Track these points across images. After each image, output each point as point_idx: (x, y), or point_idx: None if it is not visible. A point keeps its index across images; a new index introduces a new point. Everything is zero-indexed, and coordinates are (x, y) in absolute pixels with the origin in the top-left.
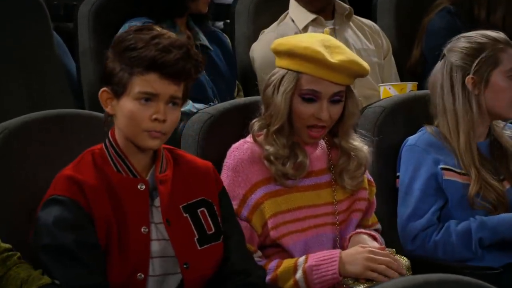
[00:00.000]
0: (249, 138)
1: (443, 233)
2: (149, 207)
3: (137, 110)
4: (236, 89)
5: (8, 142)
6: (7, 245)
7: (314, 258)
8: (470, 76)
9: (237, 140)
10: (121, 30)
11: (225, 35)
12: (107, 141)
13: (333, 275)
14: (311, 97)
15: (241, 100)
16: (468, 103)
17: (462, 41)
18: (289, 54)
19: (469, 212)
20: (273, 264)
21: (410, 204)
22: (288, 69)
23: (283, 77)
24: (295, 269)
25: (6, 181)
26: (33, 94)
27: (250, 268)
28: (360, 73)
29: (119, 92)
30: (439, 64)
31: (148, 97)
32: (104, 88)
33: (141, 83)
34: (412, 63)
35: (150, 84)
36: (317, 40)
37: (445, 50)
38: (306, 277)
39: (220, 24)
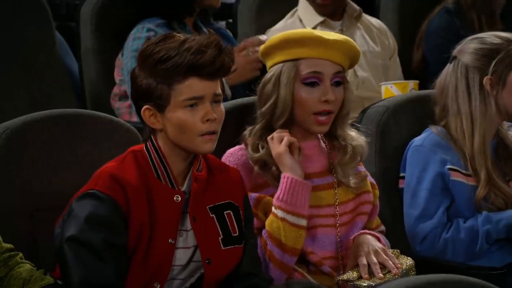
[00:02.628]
0: (243, 145)
1: (452, 230)
2: (181, 215)
3: (187, 118)
4: None
5: (10, 142)
6: (9, 245)
7: (276, 195)
8: (488, 76)
9: (237, 139)
10: (134, 32)
11: (228, 31)
12: (149, 144)
13: (299, 181)
14: (314, 80)
15: (242, 100)
16: (486, 104)
17: (475, 43)
18: (283, 44)
19: (475, 213)
20: (263, 232)
21: (418, 205)
22: (285, 61)
23: (281, 70)
24: (274, 214)
25: (8, 181)
26: (35, 94)
27: (257, 272)
28: (354, 53)
29: (162, 105)
30: (449, 67)
31: (194, 102)
32: (146, 106)
33: (184, 91)
34: (415, 66)
35: (193, 89)
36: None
37: (455, 53)
38: (282, 207)
39: (223, 23)
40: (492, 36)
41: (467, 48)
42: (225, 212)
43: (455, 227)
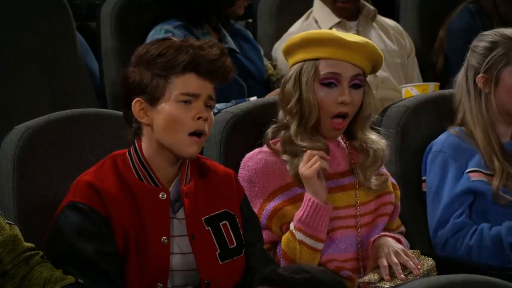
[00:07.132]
0: (264, 148)
1: (476, 237)
2: (170, 219)
3: (179, 112)
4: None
5: (32, 141)
6: (30, 244)
7: (297, 216)
8: (481, 74)
9: (260, 139)
10: (151, 34)
11: (247, 31)
12: (132, 148)
13: (323, 207)
14: (331, 81)
15: (264, 99)
16: (479, 102)
17: (477, 40)
18: (304, 43)
19: (499, 209)
20: (278, 249)
21: (438, 210)
22: (305, 60)
23: (301, 69)
24: (293, 235)
25: (29, 180)
26: (56, 94)
27: None
28: (376, 56)
29: (155, 98)
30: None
31: (189, 99)
32: (137, 99)
33: (180, 85)
34: (439, 69)
35: (190, 85)
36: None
37: (470, 49)
38: (303, 229)
39: (242, 23)
40: (493, 34)
41: (473, 45)
42: (221, 223)
43: (479, 234)
